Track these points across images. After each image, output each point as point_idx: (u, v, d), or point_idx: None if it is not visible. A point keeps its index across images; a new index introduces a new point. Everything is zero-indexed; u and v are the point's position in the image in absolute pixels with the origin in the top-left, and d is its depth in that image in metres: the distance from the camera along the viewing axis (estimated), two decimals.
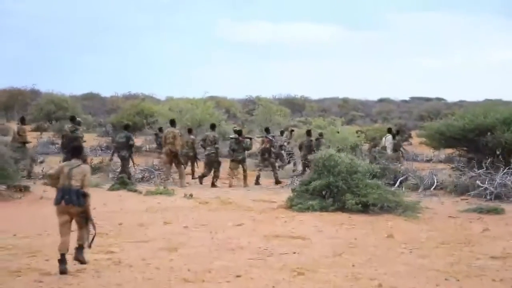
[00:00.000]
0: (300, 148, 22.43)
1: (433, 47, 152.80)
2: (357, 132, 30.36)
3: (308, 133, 22.52)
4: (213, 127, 20.71)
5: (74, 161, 8.45)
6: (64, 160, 13.38)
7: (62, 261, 8.03)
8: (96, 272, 8.18)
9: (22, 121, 20.37)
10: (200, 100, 33.12)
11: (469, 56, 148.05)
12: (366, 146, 29.07)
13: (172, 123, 19.84)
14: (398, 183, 17.26)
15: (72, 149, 9.13)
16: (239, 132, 20.28)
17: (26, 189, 14.89)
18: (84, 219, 8.39)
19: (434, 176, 17.53)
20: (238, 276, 8.10)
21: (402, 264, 8.98)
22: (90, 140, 29.10)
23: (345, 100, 77.43)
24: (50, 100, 46.04)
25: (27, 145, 19.88)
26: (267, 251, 9.67)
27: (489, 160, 16.91)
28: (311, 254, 9.53)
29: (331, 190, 13.59)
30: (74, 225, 8.34)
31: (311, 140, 21.69)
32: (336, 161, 13.85)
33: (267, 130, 21.68)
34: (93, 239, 8.40)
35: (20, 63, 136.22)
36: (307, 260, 9.07)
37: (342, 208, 13.21)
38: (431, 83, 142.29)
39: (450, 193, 16.61)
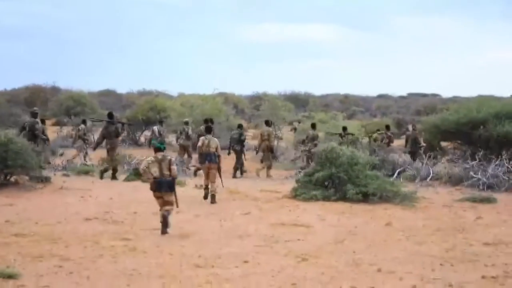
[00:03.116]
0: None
1: (429, 47, 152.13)
2: (362, 126, 30.33)
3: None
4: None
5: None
6: None
7: None
8: (112, 258, 8.21)
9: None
10: (209, 96, 33.15)
11: (463, 55, 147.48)
12: (366, 140, 29.00)
13: (267, 123, 20.78)
14: (396, 174, 17.22)
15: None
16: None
17: (47, 179, 14.92)
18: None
19: (430, 168, 17.49)
20: (245, 262, 8.12)
21: (400, 250, 8.97)
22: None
23: (346, 96, 77.11)
24: (70, 96, 46.02)
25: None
26: (273, 238, 9.68)
27: (482, 152, 16.85)
28: (315, 241, 9.54)
29: (333, 181, 13.59)
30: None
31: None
32: (338, 153, 13.86)
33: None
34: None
35: (42, 62, 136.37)
36: (310, 247, 9.08)
37: (344, 198, 13.20)
38: (427, 80, 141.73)
39: (445, 183, 16.56)
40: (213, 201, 13.22)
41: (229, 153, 20.03)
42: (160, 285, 7.05)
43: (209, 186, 13.43)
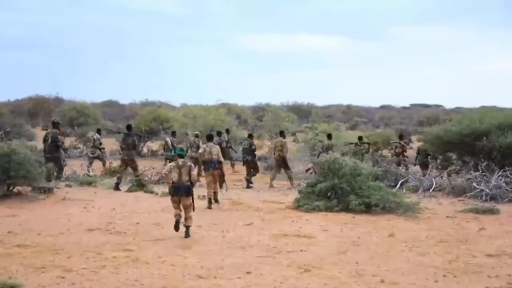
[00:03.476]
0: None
1: (432, 57, 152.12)
2: (367, 137, 30.30)
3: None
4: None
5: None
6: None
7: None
8: (115, 269, 8.19)
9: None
10: (212, 107, 33.19)
11: (466, 65, 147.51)
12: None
13: (281, 133, 20.77)
14: (399, 185, 17.19)
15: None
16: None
17: (49, 190, 14.92)
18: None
19: (432, 179, 17.45)
20: (248, 273, 8.09)
21: (403, 261, 8.94)
22: (109, 144, 29.12)
23: (349, 107, 77.17)
24: (73, 107, 46.19)
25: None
26: (276, 249, 9.65)
27: (484, 163, 16.82)
28: (317, 252, 9.51)
29: (336, 192, 13.56)
30: None
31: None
32: (340, 164, 13.84)
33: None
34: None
35: (45, 73, 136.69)
36: (313, 258, 9.05)
37: (346, 209, 13.17)
38: (430, 90, 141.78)
39: (448, 194, 16.52)
40: (216, 201, 14.26)
41: (243, 164, 20.19)
42: None
43: (209, 192, 14.25)
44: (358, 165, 14.05)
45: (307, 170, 21.47)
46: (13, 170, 13.85)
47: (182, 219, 10.66)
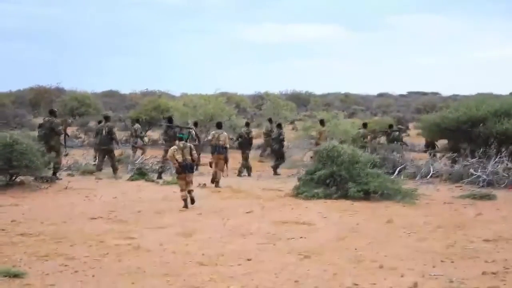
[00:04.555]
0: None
1: (428, 45, 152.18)
2: (368, 123, 30.41)
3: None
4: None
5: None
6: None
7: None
8: (117, 257, 8.20)
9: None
10: (212, 96, 33.03)
11: (462, 54, 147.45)
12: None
13: (321, 122, 21.43)
14: (397, 172, 17.21)
15: None
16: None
17: (52, 180, 14.93)
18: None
19: (430, 165, 17.47)
20: (248, 260, 8.10)
21: (401, 247, 8.95)
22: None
23: (347, 95, 76.95)
24: (74, 97, 45.94)
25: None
26: (276, 236, 9.66)
27: (481, 149, 16.83)
28: (317, 238, 9.52)
29: (335, 179, 13.56)
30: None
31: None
32: (339, 152, 13.84)
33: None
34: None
35: (46, 64, 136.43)
36: (313, 244, 9.06)
37: (345, 196, 13.18)
38: (427, 78, 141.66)
39: (445, 180, 16.55)
40: (216, 185, 15.42)
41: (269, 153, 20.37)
42: (164, 283, 7.04)
43: (216, 175, 15.66)
44: (356, 152, 14.05)
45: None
46: (16, 160, 13.85)
47: (188, 198, 12.23)
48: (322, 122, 21.24)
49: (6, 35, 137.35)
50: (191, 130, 20.23)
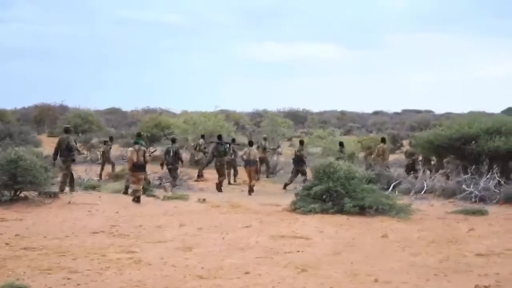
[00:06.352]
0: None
1: (423, 64, 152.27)
2: (358, 142, 30.56)
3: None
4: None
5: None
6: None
7: None
8: (118, 270, 8.18)
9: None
10: (211, 113, 33.12)
11: (455, 72, 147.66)
12: (362, 154, 29.05)
13: (383, 140, 22.20)
14: (391, 187, 17.23)
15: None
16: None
17: (55, 195, 14.91)
18: None
19: (424, 181, 17.49)
20: (247, 273, 8.09)
21: (396, 261, 8.95)
22: (112, 150, 29.03)
23: (343, 113, 77.20)
24: (77, 114, 46.00)
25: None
26: (273, 250, 9.66)
27: (473, 166, 16.87)
28: (314, 252, 9.52)
29: (331, 194, 13.58)
30: None
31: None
32: (335, 168, 13.87)
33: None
34: None
35: (51, 82, 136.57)
36: (309, 258, 9.06)
37: (341, 211, 13.19)
38: (421, 96, 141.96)
39: (439, 196, 16.57)
40: (251, 191, 18.31)
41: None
42: None
43: (251, 183, 18.56)
44: (352, 168, 14.09)
45: None
46: (20, 176, 13.86)
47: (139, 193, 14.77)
48: (383, 140, 21.79)
49: (11, 53, 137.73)
50: (231, 145, 21.20)
